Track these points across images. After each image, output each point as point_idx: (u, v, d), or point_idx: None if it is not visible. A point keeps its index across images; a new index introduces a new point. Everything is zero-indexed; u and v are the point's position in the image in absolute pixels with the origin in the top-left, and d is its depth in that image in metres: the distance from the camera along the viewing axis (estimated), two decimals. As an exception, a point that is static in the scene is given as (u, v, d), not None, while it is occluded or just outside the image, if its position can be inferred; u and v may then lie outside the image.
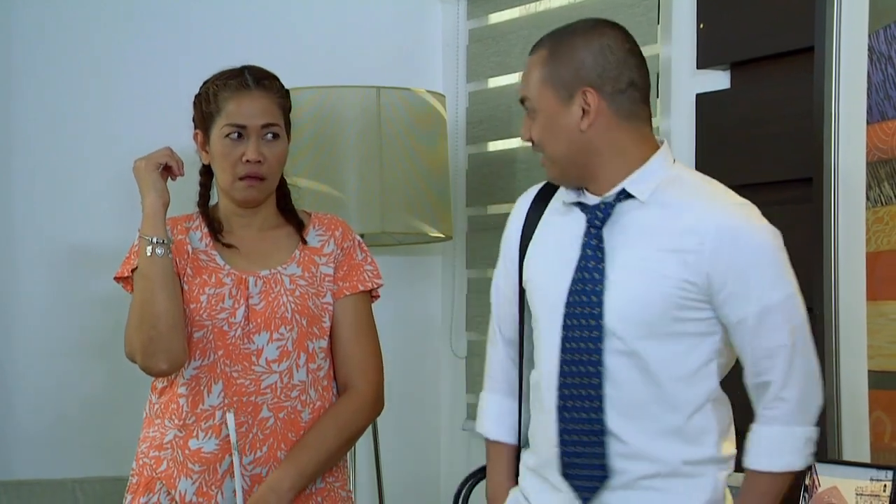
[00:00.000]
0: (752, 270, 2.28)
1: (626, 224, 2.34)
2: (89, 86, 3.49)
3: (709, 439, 2.33)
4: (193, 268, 2.67)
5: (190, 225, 2.72)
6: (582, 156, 2.36)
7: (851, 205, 2.69)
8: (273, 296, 2.66)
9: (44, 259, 3.44)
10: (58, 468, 3.34)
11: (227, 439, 2.62)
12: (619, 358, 2.32)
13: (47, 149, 3.46)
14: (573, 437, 2.34)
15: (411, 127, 3.45)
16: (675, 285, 2.29)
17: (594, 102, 2.33)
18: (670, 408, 2.32)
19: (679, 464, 2.32)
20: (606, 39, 2.36)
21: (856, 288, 2.68)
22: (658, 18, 3.22)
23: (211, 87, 2.68)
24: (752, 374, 2.31)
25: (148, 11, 3.55)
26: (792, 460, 2.30)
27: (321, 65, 3.65)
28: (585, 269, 2.35)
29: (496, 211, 3.75)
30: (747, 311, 2.28)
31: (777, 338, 2.28)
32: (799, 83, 2.84)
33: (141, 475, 2.68)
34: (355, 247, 2.75)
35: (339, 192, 3.38)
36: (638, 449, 2.32)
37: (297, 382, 2.65)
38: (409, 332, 3.81)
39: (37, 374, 3.44)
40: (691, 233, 2.29)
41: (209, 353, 2.64)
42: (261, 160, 2.64)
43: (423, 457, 3.84)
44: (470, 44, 3.81)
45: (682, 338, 2.31)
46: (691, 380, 2.32)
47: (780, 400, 2.29)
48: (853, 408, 2.67)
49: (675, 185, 2.35)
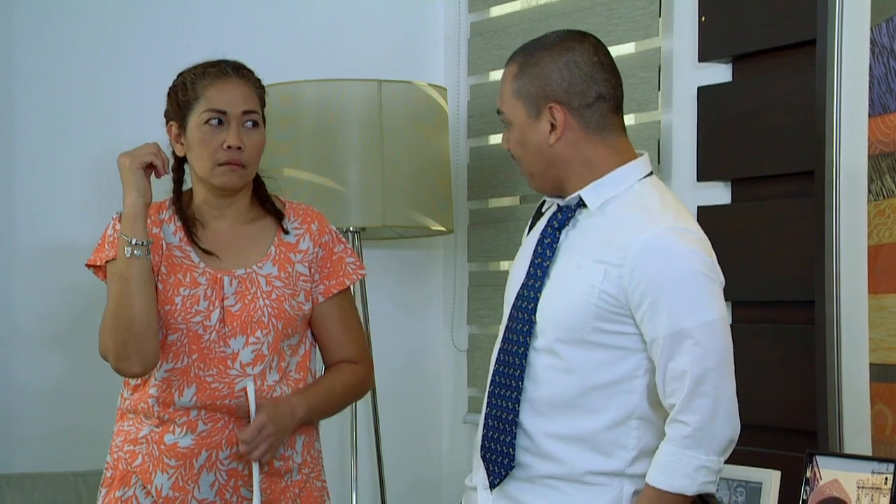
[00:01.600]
0: (667, 293, 2.28)
1: (580, 230, 2.39)
2: (91, 82, 3.48)
3: (622, 455, 2.34)
4: (168, 265, 2.65)
5: (163, 216, 2.69)
6: (552, 168, 2.40)
7: (853, 198, 2.69)
8: (249, 298, 2.64)
9: (43, 255, 3.44)
10: (59, 462, 3.34)
11: (202, 435, 2.62)
12: (542, 357, 2.36)
13: (47, 148, 3.44)
14: (493, 424, 2.40)
15: (413, 120, 3.45)
16: (596, 295, 2.31)
17: (560, 118, 2.37)
18: (587, 414, 2.34)
19: (581, 473, 2.34)
20: (573, 55, 2.38)
21: (857, 281, 2.68)
22: (659, 11, 3.22)
23: (188, 76, 2.68)
24: (662, 393, 2.31)
25: (149, 7, 3.54)
26: (679, 483, 2.27)
27: (322, 58, 3.64)
28: (533, 266, 2.41)
29: (497, 204, 3.74)
30: (658, 332, 2.28)
31: (684, 362, 2.27)
32: (801, 76, 2.83)
33: (116, 469, 2.68)
34: (334, 240, 2.74)
35: (340, 185, 3.38)
36: (543, 448, 2.36)
37: (271, 383, 2.65)
38: (410, 325, 3.81)
39: (38, 369, 3.44)
40: (620, 248, 2.31)
41: (182, 356, 2.63)
42: (241, 147, 2.63)
43: (425, 450, 3.84)
44: (471, 37, 3.80)
45: (606, 349, 2.33)
46: (612, 390, 2.33)
47: (678, 423, 2.28)
48: (854, 401, 2.67)
49: (628, 199, 2.37)
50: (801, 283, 2.80)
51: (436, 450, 3.86)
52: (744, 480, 2.72)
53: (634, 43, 3.31)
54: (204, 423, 2.62)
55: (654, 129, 3.21)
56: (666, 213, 2.34)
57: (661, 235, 2.30)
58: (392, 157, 3.41)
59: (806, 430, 2.76)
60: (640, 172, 2.40)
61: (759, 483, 2.71)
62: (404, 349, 3.79)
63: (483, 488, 2.44)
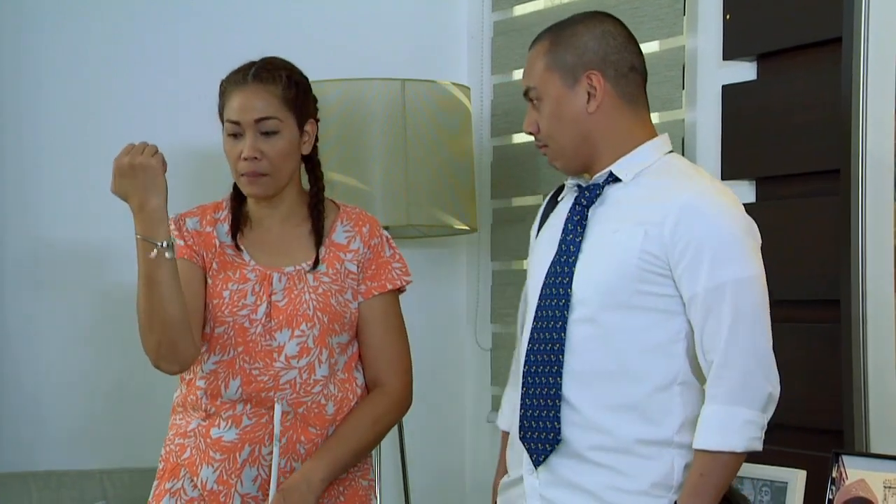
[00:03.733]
0: (707, 248, 2.30)
1: (609, 205, 2.40)
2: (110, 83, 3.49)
3: (669, 421, 2.34)
4: (220, 262, 2.68)
5: (218, 216, 2.72)
6: (586, 142, 2.41)
7: (879, 196, 2.68)
8: (296, 293, 2.65)
9: (68, 252, 3.45)
10: (85, 459, 3.36)
11: (246, 430, 2.63)
12: (582, 327, 2.36)
13: (74, 149, 3.46)
14: (532, 402, 2.38)
15: (436, 119, 3.45)
16: (637, 255, 2.33)
17: (599, 85, 2.38)
18: (631, 381, 2.33)
19: (632, 442, 2.33)
20: (607, 26, 2.43)
21: (883, 280, 2.67)
22: (684, 9, 3.22)
23: (223, 82, 2.69)
24: (700, 351, 2.32)
25: (172, 7, 3.55)
26: (729, 440, 2.27)
27: (346, 57, 3.64)
28: (564, 243, 2.41)
29: (521, 203, 3.74)
30: (698, 288, 2.30)
31: (723, 315, 2.29)
32: (826, 74, 2.82)
33: (167, 461, 2.70)
34: (383, 243, 2.75)
35: (364, 184, 3.39)
36: (590, 418, 2.34)
37: (319, 378, 2.65)
38: (434, 324, 3.81)
39: (63, 368, 3.45)
40: (659, 207, 2.34)
41: (229, 349, 2.64)
42: (257, 157, 2.62)
43: (448, 449, 3.85)
44: (495, 36, 3.80)
45: (647, 312, 2.34)
46: (655, 354, 2.33)
47: (720, 378, 2.29)
48: (881, 400, 2.66)
49: (660, 170, 2.40)
50: (827, 282, 2.79)
51: (459, 448, 3.86)
52: (769, 480, 2.71)
53: (658, 41, 3.31)
54: (249, 417, 2.63)
55: (678, 128, 3.21)
56: (702, 176, 2.41)
57: (702, 193, 2.34)
58: (415, 157, 3.41)
59: (832, 430, 2.76)
60: (666, 147, 2.45)
61: (784, 483, 2.70)
62: (428, 348, 3.78)
63: (529, 474, 2.40)
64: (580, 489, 2.35)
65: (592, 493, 2.35)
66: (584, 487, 2.35)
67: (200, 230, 2.69)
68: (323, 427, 2.66)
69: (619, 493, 2.33)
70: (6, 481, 3.17)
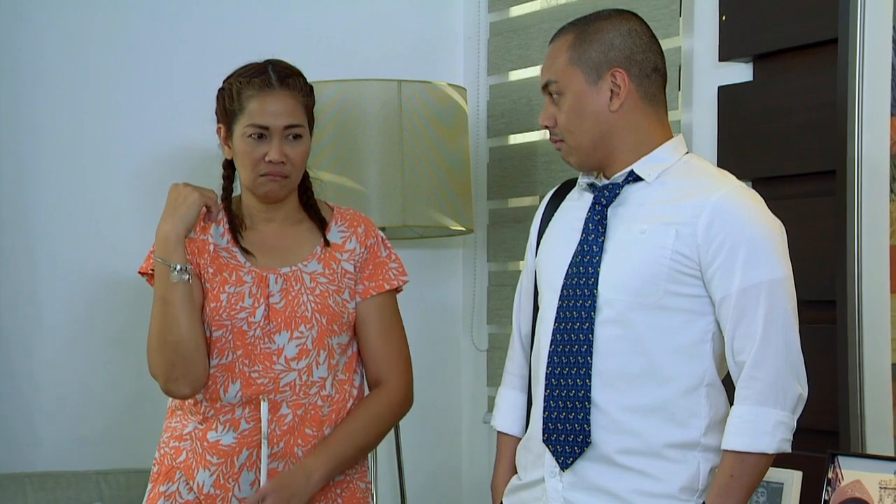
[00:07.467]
0: (741, 248, 2.29)
1: (630, 205, 2.38)
2: (109, 83, 3.49)
3: (696, 424, 2.32)
4: (215, 265, 2.68)
5: (210, 219, 2.71)
6: (605, 140, 2.39)
7: (874, 197, 2.68)
8: (293, 294, 2.66)
9: (67, 255, 3.45)
10: (82, 461, 3.36)
11: (244, 434, 2.63)
12: (610, 328, 2.33)
13: (71, 150, 3.45)
14: (558, 404, 2.35)
15: (432, 120, 3.45)
16: (668, 256, 2.31)
17: (624, 83, 2.37)
18: (660, 382, 2.32)
19: (661, 445, 2.31)
20: (633, 24, 2.41)
21: (879, 280, 2.67)
22: (680, 10, 3.22)
23: (234, 83, 2.67)
24: (730, 352, 2.31)
25: (170, 8, 3.55)
26: (760, 441, 2.26)
27: (342, 58, 3.65)
28: (585, 243, 2.39)
29: (517, 204, 3.74)
30: (732, 288, 2.29)
31: (756, 316, 2.28)
32: (822, 75, 2.83)
33: (162, 464, 2.70)
34: (379, 244, 2.75)
35: (360, 185, 3.39)
36: (619, 421, 2.32)
37: (317, 379, 2.65)
38: (430, 325, 3.81)
39: (61, 369, 3.45)
40: (690, 207, 2.32)
41: (227, 352, 2.64)
42: (284, 161, 2.64)
43: (445, 449, 3.85)
44: (491, 37, 3.80)
45: (676, 313, 2.32)
46: (683, 355, 2.32)
47: (752, 379, 2.28)
48: (876, 401, 2.66)
49: (684, 170, 2.39)
50: (823, 283, 2.80)
51: (455, 449, 3.86)
52: (765, 480, 2.71)
53: (655, 42, 3.31)
54: (247, 421, 2.64)
55: (674, 129, 3.19)
56: (727, 177, 2.39)
57: (733, 193, 2.33)
58: (412, 157, 3.41)
59: (828, 430, 2.76)
60: (684, 148, 2.44)
61: (780, 483, 2.71)
62: (424, 349, 3.78)
63: (552, 476, 2.38)
64: (606, 492, 2.33)
65: (619, 496, 2.33)
66: (611, 491, 2.33)
67: (194, 237, 2.69)
68: (318, 429, 2.66)
69: (646, 497, 2.32)
70: (2, 482, 3.17)
